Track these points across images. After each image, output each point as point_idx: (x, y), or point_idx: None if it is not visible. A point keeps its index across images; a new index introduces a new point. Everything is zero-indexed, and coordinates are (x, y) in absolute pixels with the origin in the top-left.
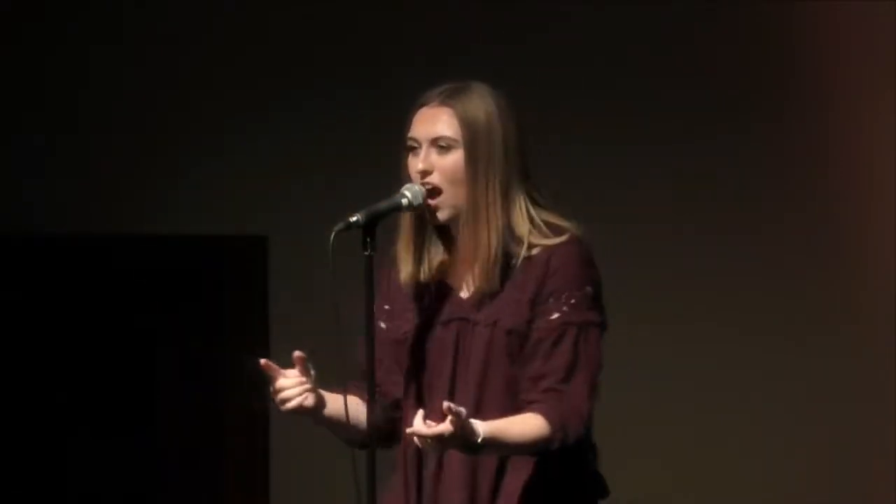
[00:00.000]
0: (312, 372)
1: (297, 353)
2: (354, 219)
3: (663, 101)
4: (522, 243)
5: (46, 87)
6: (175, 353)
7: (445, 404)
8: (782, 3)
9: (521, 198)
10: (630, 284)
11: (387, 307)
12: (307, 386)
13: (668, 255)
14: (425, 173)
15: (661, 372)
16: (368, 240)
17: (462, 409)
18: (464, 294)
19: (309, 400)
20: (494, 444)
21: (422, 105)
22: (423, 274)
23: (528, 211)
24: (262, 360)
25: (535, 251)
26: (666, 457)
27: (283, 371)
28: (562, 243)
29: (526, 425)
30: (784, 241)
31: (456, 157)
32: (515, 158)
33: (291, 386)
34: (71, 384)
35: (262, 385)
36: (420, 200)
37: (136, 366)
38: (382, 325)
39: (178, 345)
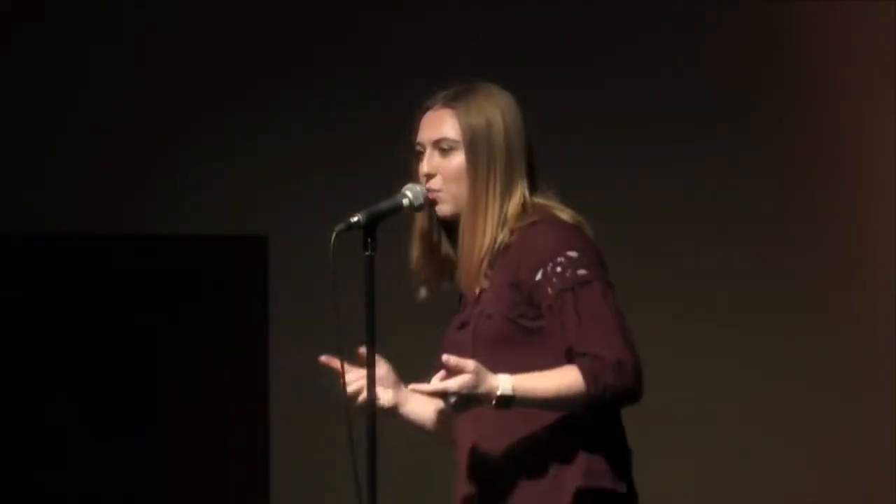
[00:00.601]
0: (386, 367)
1: (360, 350)
2: (355, 219)
3: (663, 101)
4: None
5: (46, 87)
6: (175, 353)
7: (445, 357)
8: (782, 3)
9: (521, 195)
10: (630, 284)
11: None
12: (363, 381)
13: (668, 255)
14: (429, 176)
15: (661, 372)
16: (369, 240)
17: (469, 362)
18: (477, 293)
19: (386, 397)
20: (524, 395)
21: (426, 109)
22: (446, 277)
23: (523, 204)
24: (322, 357)
25: (513, 237)
26: (665, 456)
27: (350, 367)
28: (531, 223)
29: (559, 374)
30: (784, 241)
31: (458, 159)
32: (519, 157)
33: (355, 380)
34: (71, 384)
35: (262, 385)
36: (421, 200)
37: (136, 366)
38: None
39: (178, 344)
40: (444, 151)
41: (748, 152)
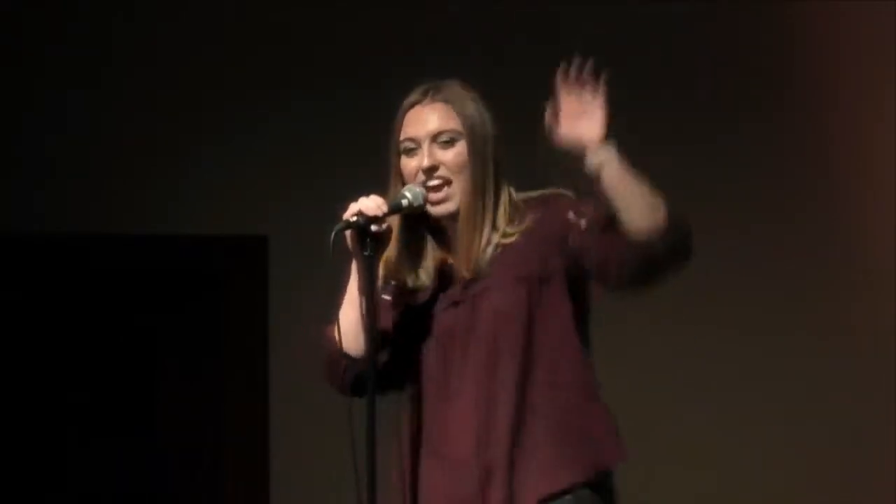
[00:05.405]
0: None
1: None
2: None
3: (663, 101)
4: (499, 230)
5: (47, 86)
6: (175, 353)
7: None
8: (782, 3)
9: (507, 186)
10: None
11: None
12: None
13: None
14: (433, 169)
15: (660, 372)
16: (368, 240)
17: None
18: (459, 282)
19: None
20: (617, 160)
21: (411, 106)
22: (422, 275)
23: (511, 200)
24: None
25: (511, 239)
26: (663, 456)
27: None
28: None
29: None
30: (784, 241)
31: (460, 149)
32: (500, 148)
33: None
34: (71, 384)
35: (262, 385)
36: (420, 201)
37: (137, 366)
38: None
39: (178, 344)
40: (445, 143)
41: (748, 152)
